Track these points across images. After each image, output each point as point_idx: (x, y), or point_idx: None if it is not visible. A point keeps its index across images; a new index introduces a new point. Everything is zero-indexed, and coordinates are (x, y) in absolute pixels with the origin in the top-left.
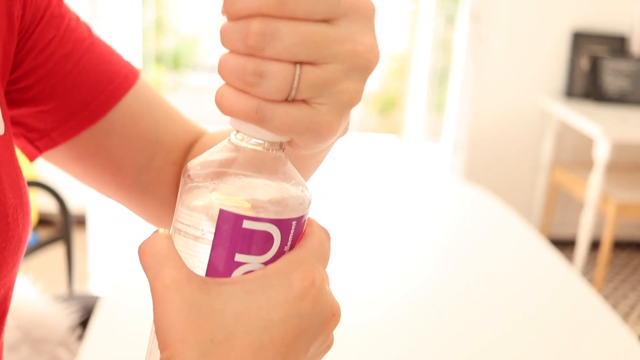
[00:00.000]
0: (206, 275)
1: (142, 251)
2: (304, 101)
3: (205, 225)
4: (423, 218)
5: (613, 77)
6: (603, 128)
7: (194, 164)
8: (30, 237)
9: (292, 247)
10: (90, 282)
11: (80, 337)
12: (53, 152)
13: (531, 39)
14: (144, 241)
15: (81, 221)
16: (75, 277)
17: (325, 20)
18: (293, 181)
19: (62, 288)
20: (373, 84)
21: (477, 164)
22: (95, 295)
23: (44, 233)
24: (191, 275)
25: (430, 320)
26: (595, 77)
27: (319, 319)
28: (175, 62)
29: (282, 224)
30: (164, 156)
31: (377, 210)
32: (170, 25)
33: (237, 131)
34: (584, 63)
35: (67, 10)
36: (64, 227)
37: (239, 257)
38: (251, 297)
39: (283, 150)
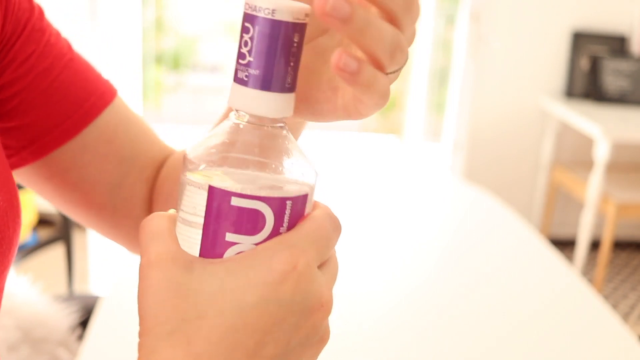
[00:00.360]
0: (199, 256)
1: (140, 228)
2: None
3: (198, 207)
4: (423, 218)
5: (613, 77)
6: (603, 128)
7: (192, 147)
8: (29, 237)
9: (289, 229)
10: (90, 282)
11: (80, 337)
12: (22, 170)
13: (531, 39)
14: (145, 219)
15: None
16: (75, 277)
17: None
18: (291, 160)
19: (62, 288)
20: None
21: (477, 164)
22: (95, 295)
23: (44, 233)
24: (178, 254)
25: (430, 320)
26: (595, 77)
27: (301, 308)
28: (175, 62)
29: (275, 203)
30: (137, 175)
31: (377, 210)
32: (170, 25)
33: (236, 110)
34: (584, 63)
35: (48, 24)
36: (64, 227)
37: (229, 237)
38: (230, 277)
39: (283, 128)
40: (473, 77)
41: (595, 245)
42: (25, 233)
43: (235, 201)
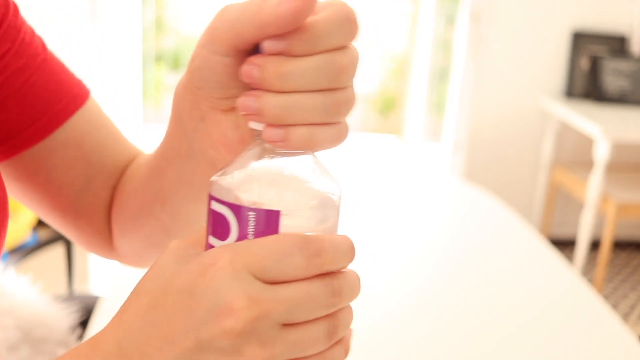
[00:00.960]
0: None
1: None
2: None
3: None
4: (423, 218)
5: (613, 77)
6: (603, 128)
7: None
8: (29, 237)
9: None
10: (90, 282)
11: (80, 337)
12: None
13: (531, 39)
14: None
15: None
16: (75, 277)
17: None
18: (275, 178)
19: (62, 288)
20: (373, 84)
21: (477, 164)
22: (95, 295)
23: (44, 233)
24: (188, 245)
25: (430, 320)
26: (595, 77)
27: (209, 305)
28: (175, 62)
29: (237, 211)
30: (104, 180)
31: (377, 210)
32: (170, 25)
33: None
34: (584, 63)
35: (23, 22)
36: None
37: (210, 240)
38: (176, 264)
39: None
40: (473, 77)
41: (595, 245)
42: (25, 233)
43: (212, 205)
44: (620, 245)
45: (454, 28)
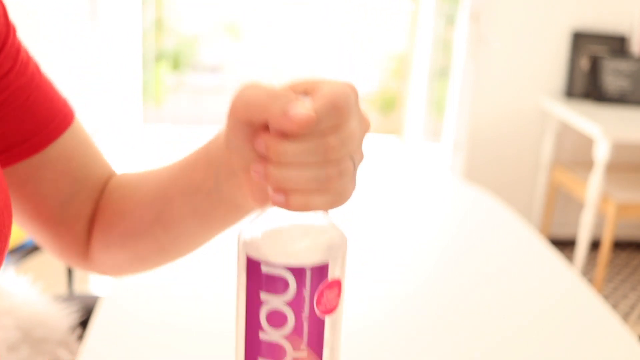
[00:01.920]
0: None
1: None
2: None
3: None
4: (423, 218)
5: (613, 77)
6: (603, 128)
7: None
8: (29, 237)
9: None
10: (90, 282)
11: (80, 337)
12: None
13: (531, 39)
14: None
15: None
16: (75, 277)
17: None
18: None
19: (62, 288)
20: (373, 84)
21: (477, 164)
22: (95, 295)
23: None
24: None
25: (430, 320)
26: (595, 77)
27: None
28: (175, 62)
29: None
30: (87, 194)
31: (377, 210)
32: (170, 25)
33: None
34: (584, 63)
35: (20, 43)
36: None
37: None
38: None
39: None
40: (473, 77)
41: (595, 245)
42: (25, 233)
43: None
44: (620, 246)
45: (454, 28)
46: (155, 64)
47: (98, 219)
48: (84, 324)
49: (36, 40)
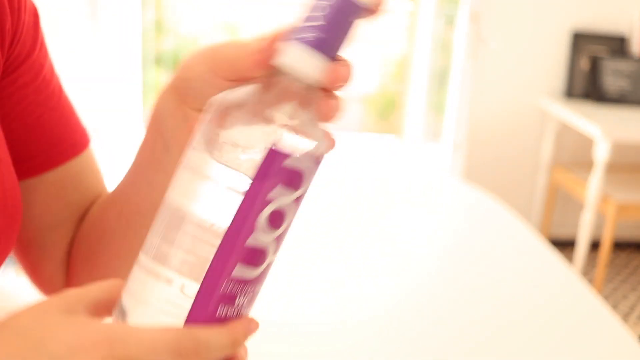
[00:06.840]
0: None
1: None
2: None
3: None
4: (422, 218)
5: (613, 77)
6: (603, 128)
7: None
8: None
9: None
10: None
11: None
12: None
13: (531, 39)
14: None
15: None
16: None
17: None
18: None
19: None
20: (373, 84)
21: (476, 164)
22: None
23: None
24: (82, 298)
25: (430, 320)
26: (595, 77)
27: None
28: (175, 63)
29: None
30: (75, 222)
31: (376, 211)
32: (170, 25)
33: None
34: (584, 63)
35: (46, 58)
36: None
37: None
38: (61, 316)
39: None
40: (473, 78)
41: (595, 245)
42: None
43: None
44: (620, 246)
45: (453, 28)
46: (155, 65)
47: (74, 242)
48: None
49: None
